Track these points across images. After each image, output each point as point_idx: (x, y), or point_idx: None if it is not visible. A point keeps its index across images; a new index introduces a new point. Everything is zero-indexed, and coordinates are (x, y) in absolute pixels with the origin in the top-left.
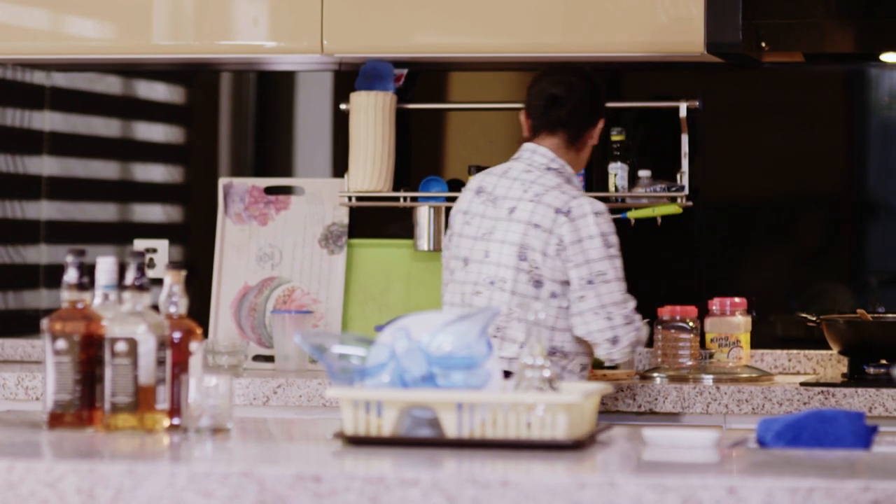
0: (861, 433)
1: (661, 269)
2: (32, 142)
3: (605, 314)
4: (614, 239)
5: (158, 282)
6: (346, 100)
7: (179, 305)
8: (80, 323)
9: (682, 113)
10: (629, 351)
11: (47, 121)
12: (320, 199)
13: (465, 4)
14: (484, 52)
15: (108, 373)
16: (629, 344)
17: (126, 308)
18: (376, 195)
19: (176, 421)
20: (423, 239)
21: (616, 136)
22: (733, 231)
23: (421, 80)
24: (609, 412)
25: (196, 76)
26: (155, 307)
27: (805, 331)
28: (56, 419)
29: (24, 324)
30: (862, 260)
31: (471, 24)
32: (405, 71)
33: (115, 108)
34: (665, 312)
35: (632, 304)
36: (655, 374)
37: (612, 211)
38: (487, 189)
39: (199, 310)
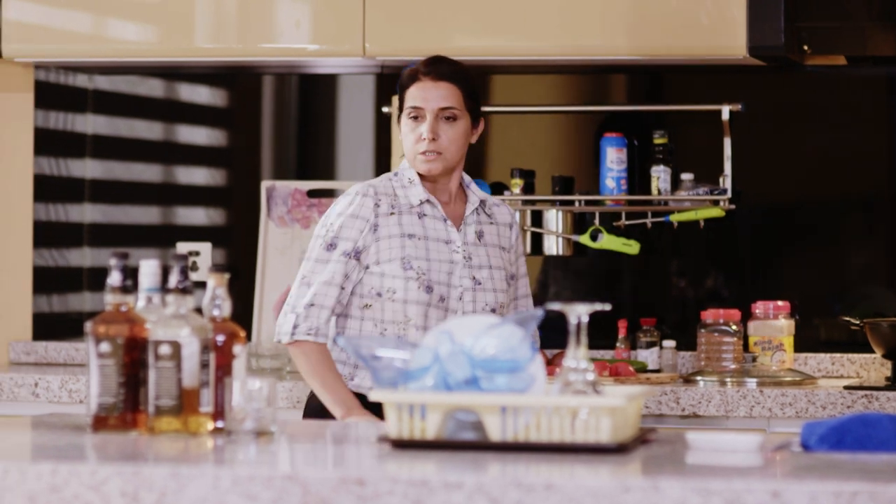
0: None
1: (704, 273)
2: (75, 145)
3: (296, 285)
4: (336, 220)
5: (202, 285)
6: (388, 102)
7: (223, 308)
8: (124, 326)
9: (725, 116)
10: (281, 333)
11: (90, 124)
12: None
13: (505, 8)
14: (525, 54)
15: (151, 376)
16: (278, 326)
17: (169, 311)
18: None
19: (219, 424)
20: None
21: (659, 140)
22: (776, 234)
23: None
24: (653, 415)
25: (238, 79)
26: (198, 310)
27: (848, 334)
28: (100, 422)
29: (67, 326)
30: None
31: (511, 27)
32: None
33: (158, 111)
34: (708, 316)
35: (311, 290)
36: (699, 378)
37: (655, 214)
38: None
39: (243, 313)
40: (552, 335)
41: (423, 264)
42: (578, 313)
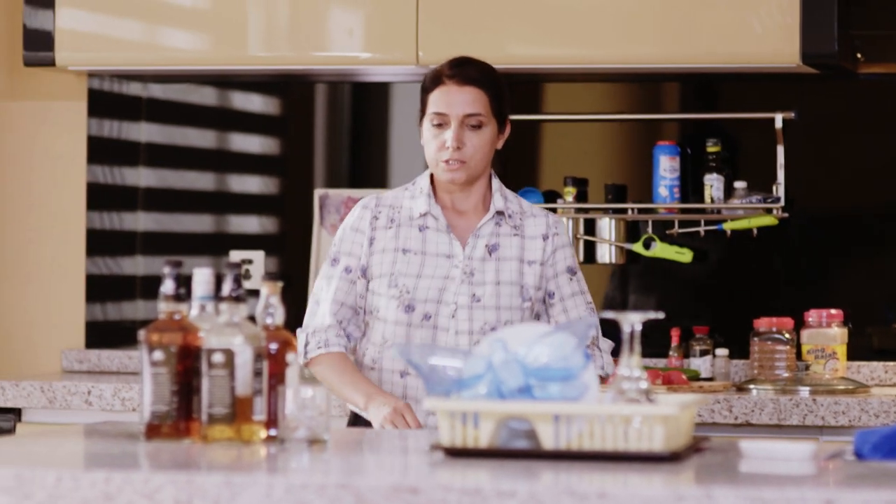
0: None
1: (757, 281)
2: (129, 153)
3: (309, 303)
4: (340, 234)
5: (255, 293)
6: None
7: (276, 317)
8: (177, 334)
9: (778, 124)
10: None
11: (143, 132)
12: None
13: (559, 16)
14: (578, 63)
15: (204, 384)
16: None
17: (223, 319)
18: None
19: (272, 432)
20: None
21: (712, 148)
22: (829, 242)
23: (516, 91)
24: (706, 424)
25: (291, 87)
26: (251, 318)
27: None
28: (153, 430)
29: (120, 335)
30: None
31: (565, 35)
32: None
33: (211, 120)
34: (761, 324)
35: (319, 308)
36: (752, 386)
37: (708, 222)
38: None
39: (296, 321)
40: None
41: (409, 281)
42: (632, 322)
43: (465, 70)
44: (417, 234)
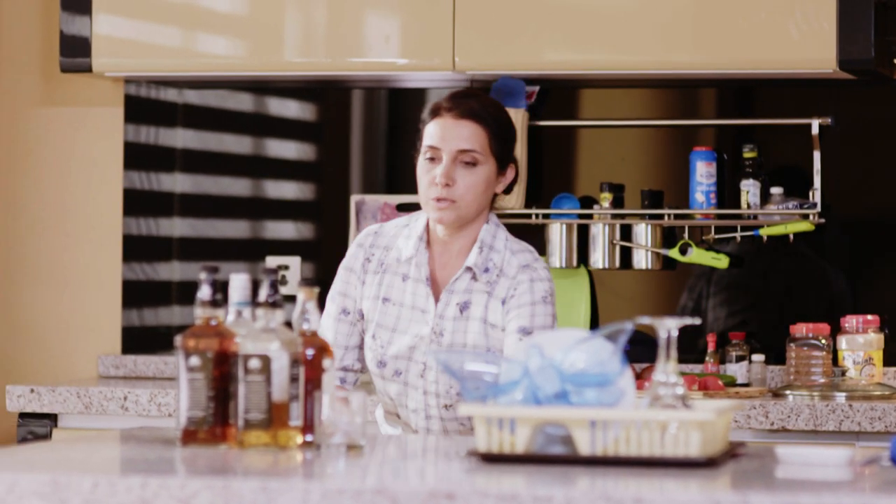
0: None
1: (793, 287)
2: (165, 159)
3: None
4: (339, 271)
5: (291, 299)
6: None
7: (312, 322)
8: (214, 340)
9: (815, 130)
10: None
11: (179, 138)
12: None
13: (596, 22)
14: (615, 69)
15: (241, 389)
16: None
17: (259, 325)
18: (508, 212)
19: (309, 438)
20: (556, 256)
21: (748, 153)
22: (866, 248)
23: (552, 96)
24: (742, 430)
25: (327, 93)
26: (288, 324)
27: None
28: (189, 436)
29: (156, 340)
30: None
31: (602, 41)
32: (537, 88)
33: (247, 126)
34: (797, 330)
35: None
36: (788, 392)
37: (744, 228)
38: None
39: None
40: (642, 350)
41: (385, 335)
42: (668, 327)
43: (465, 103)
44: (400, 283)
